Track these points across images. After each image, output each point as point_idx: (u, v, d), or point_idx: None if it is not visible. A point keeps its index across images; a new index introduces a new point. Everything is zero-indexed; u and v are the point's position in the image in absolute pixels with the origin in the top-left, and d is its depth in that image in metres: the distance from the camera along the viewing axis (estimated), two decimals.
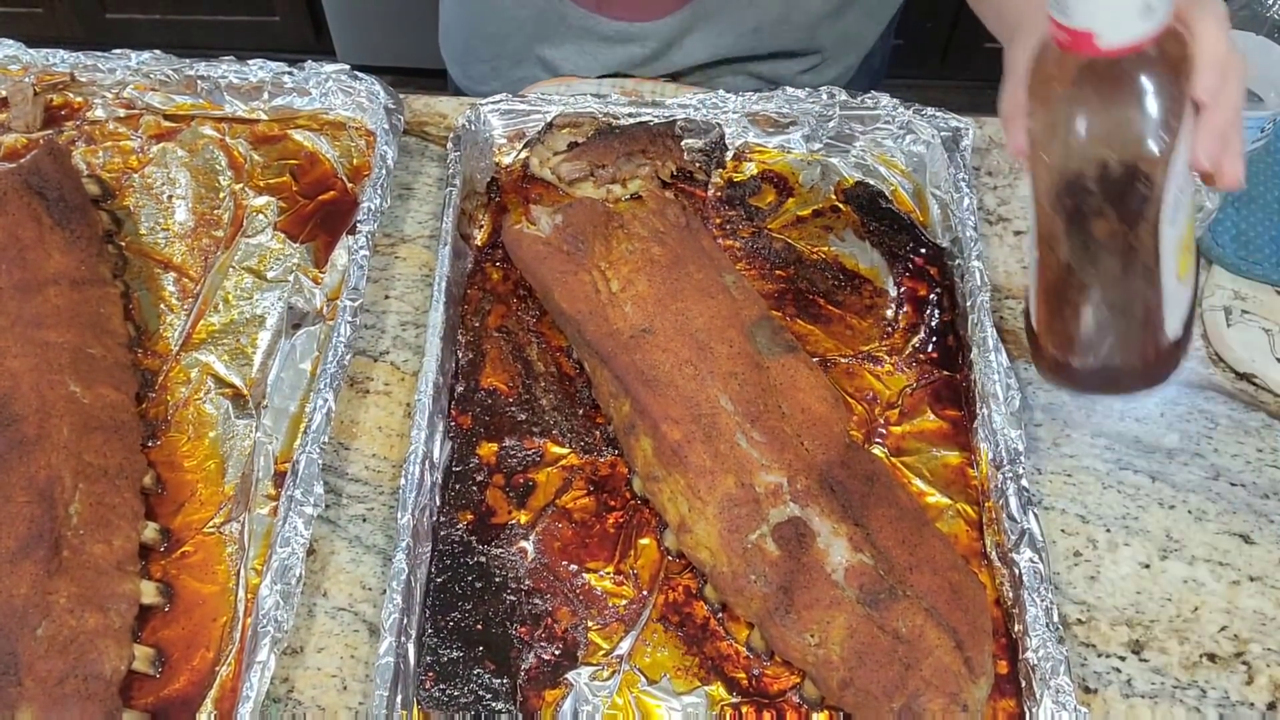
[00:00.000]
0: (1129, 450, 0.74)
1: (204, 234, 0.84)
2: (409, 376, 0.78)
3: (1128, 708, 0.64)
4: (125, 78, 0.90)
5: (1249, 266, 0.81)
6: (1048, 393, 0.76)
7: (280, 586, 0.63)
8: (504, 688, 0.63)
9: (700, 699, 0.63)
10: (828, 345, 0.78)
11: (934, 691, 0.59)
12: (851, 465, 0.66)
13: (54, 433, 0.67)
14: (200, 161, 0.88)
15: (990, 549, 0.68)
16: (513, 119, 0.88)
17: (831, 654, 0.60)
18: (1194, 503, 0.72)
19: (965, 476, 0.72)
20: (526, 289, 0.80)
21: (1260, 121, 0.73)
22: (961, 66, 2.22)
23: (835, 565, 0.63)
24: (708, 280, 0.75)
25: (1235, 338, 0.78)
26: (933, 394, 0.75)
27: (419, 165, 0.90)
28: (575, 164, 0.85)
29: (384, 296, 0.82)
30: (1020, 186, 0.88)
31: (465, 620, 0.66)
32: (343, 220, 0.84)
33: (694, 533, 0.65)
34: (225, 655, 0.64)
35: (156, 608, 0.65)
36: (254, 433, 0.73)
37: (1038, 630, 0.61)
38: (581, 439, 0.73)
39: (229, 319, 0.79)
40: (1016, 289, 0.82)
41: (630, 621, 0.66)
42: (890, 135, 0.87)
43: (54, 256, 0.75)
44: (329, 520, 0.71)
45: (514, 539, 0.69)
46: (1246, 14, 0.72)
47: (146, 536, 0.67)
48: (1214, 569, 0.69)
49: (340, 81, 0.88)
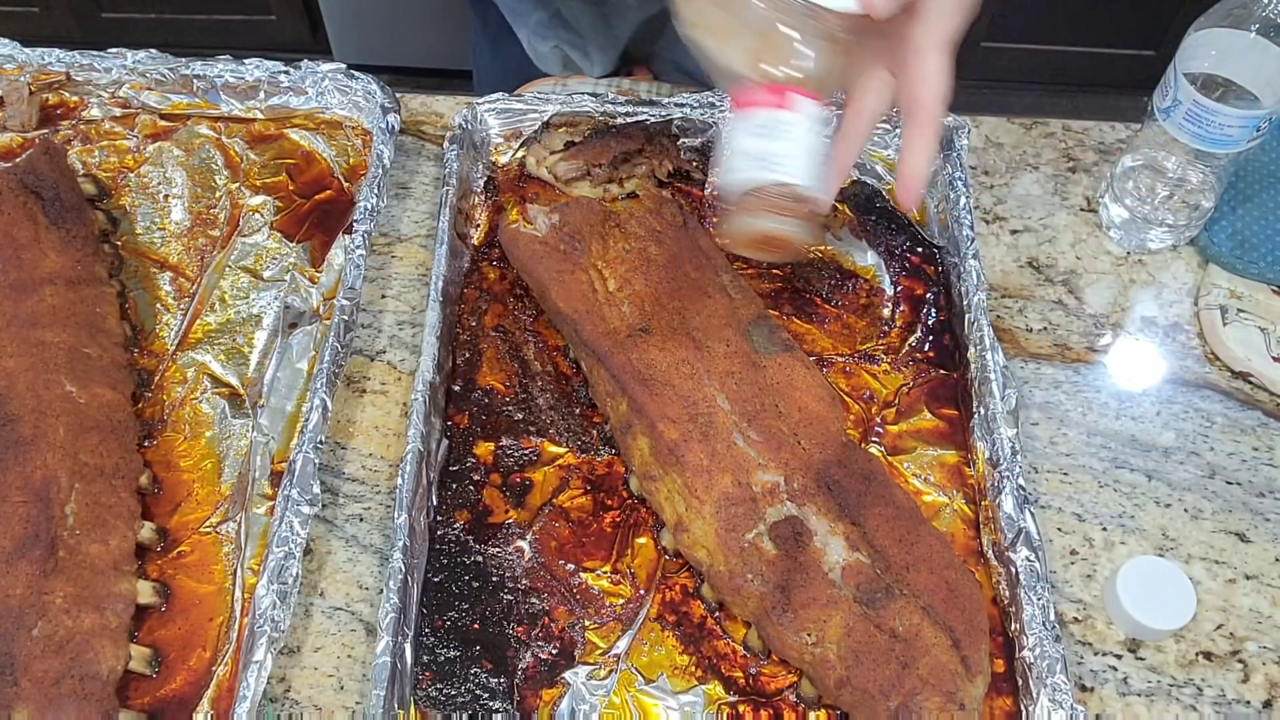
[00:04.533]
0: (1125, 449, 0.74)
1: (200, 233, 0.84)
2: (405, 376, 0.78)
3: (1124, 706, 0.64)
4: (121, 77, 0.90)
5: (1245, 265, 0.81)
6: (1044, 391, 0.77)
7: (277, 586, 0.63)
8: (501, 687, 0.63)
9: (697, 698, 0.63)
10: (824, 344, 0.78)
11: (931, 690, 0.59)
12: (848, 464, 0.67)
13: (50, 433, 0.66)
14: (196, 161, 0.87)
15: (987, 547, 0.68)
16: (509, 118, 0.88)
17: (828, 653, 0.61)
18: (1190, 501, 0.72)
19: (962, 475, 0.72)
20: (523, 288, 0.80)
21: (1255, 121, 0.73)
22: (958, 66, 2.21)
23: (832, 564, 0.63)
24: (704, 279, 0.75)
25: (1231, 336, 0.78)
26: (929, 393, 0.75)
27: (415, 164, 0.90)
28: (572, 163, 0.85)
29: (380, 296, 0.82)
30: (1017, 185, 0.88)
31: (462, 620, 0.66)
32: (339, 219, 0.84)
33: (691, 532, 0.65)
34: (222, 655, 0.64)
35: (153, 608, 0.65)
36: (250, 432, 0.73)
37: (1034, 629, 0.61)
38: (578, 438, 0.73)
39: (225, 318, 0.79)
40: (1013, 288, 0.82)
41: (627, 621, 0.66)
42: (886, 134, 0.87)
43: (49, 256, 0.75)
44: (326, 520, 0.71)
45: (511, 538, 0.69)
46: (1242, 12, 0.72)
47: (143, 536, 0.67)
48: (1210, 567, 0.69)
49: (336, 81, 0.88)
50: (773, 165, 0.55)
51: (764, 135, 0.55)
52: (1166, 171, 0.81)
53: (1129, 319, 0.81)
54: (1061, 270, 0.83)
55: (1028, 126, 0.92)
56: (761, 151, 0.55)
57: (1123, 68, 2.19)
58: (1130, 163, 0.83)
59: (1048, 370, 0.78)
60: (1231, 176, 0.81)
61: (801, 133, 0.55)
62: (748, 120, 0.55)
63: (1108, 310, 0.81)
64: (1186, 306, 0.81)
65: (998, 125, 0.92)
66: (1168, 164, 0.81)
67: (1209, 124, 0.74)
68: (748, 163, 0.56)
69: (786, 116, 0.55)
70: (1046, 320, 0.81)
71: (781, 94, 0.54)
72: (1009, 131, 0.92)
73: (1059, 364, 0.78)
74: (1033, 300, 0.82)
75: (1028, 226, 0.86)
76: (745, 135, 0.56)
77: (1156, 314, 0.81)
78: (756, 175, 0.55)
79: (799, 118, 0.55)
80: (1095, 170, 0.89)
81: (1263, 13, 0.71)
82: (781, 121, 0.55)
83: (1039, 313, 0.81)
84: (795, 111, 0.55)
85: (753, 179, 0.55)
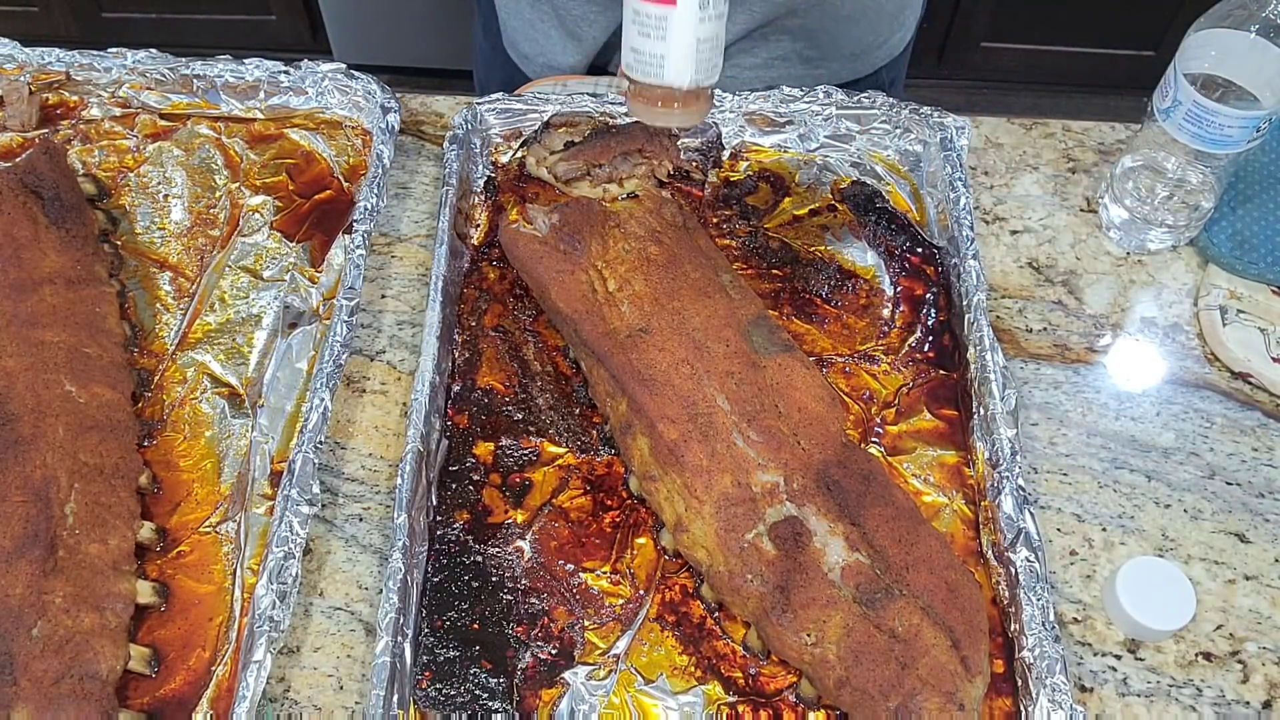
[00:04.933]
0: (1125, 449, 0.74)
1: (200, 233, 0.84)
2: (405, 376, 0.78)
3: (1123, 706, 0.64)
4: (121, 77, 0.90)
5: (1245, 266, 0.81)
6: (1044, 392, 0.77)
7: (276, 586, 0.63)
8: (500, 687, 0.63)
9: (697, 698, 0.63)
10: (824, 344, 0.78)
11: (930, 690, 0.59)
12: (848, 464, 0.67)
13: (49, 432, 0.66)
14: (196, 160, 0.87)
15: (987, 548, 0.68)
16: (509, 118, 0.88)
17: (828, 653, 0.61)
18: (1190, 502, 0.72)
19: (961, 475, 0.72)
20: (523, 288, 0.80)
21: (1255, 121, 0.73)
22: (958, 66, 2.22)
23: (832, 564, 0.63)
24: (704, 280, 0.75)
25: (1231, 337, 0.78)
26: (929, 393, 0.75)
27: (415, 164, 0.90)
28: (572, 163, 0.85)
29: (380, 296, 0.82)
30: (1017, 186, 0.88)
31: (462, 620, 0.66)
32: (339, 219, 0.84)
33: (691, 532, 0.65)
34: (221, 655, 0.64)
35: (152, 607, 0.65)
36: (250, 432, 0.73)
37: (1034, 629, 0.61)
38: (578, 438, 0.73)
39: (225, 318, 0.79)
40: (1013, 288, 0.82)
41: (627, 621, 0.66)
42: (886, 134, 0.87)
43: (49, 256, 0.75)
44: (325, 520, 0.71)
45: (510, 538, 0.69)
46: (1242, 13, 0.72)
47: (142, 536, 0.67)
48: (1209, 568, 0.69)
49: (336, 81, 0.88)
50: (652, 67, 0.59)
51: (648, 33, 0.59)
52: (1166, 172, 0.81)
53: (1129, 319, 0.81)
54: (1061, 271, 0.83)
55: (1028, 127, 0.92)
56: (646, 50, 0.59)
57: (1123, 68, 2.19)
58: (1130, 163, 0.83)
59: (1047, 371, 0.78)
60: (1231, 177, 0.81)
61: (682, 28, 0.58)
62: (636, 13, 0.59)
63: (1107, 311, 0.81)
64: (1186, 307, 0.81)
65: (998, 125, 0.92)
66: (1168, 164, 0.81)
67: (1209, 124, 0.74)
68: (633, 59, 0.61)
69: (667, 12, 0.58)
70: (1046, 321, 0.81)
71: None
72: (1009, 132, 0.92)
73: (1059, 364, 0.78)
74: (1032, 301, 0.82)
75: (1028, 227, 0.86)
76: (633, 30, 0.60)
77: (1156, 314, 0.81)
78: (638, 76, 0.60)
79: (679, 13, 0.58)
80: (1095, 171, 0.89)
81: (1263, 13, 0.71)
82: (663, 18, 0.58)
83: (1039, 313, 0.81)
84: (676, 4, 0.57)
85: (635, 80, 0.61)
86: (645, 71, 0.61)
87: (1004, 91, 2.27)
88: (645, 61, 0.61)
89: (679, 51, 0.59)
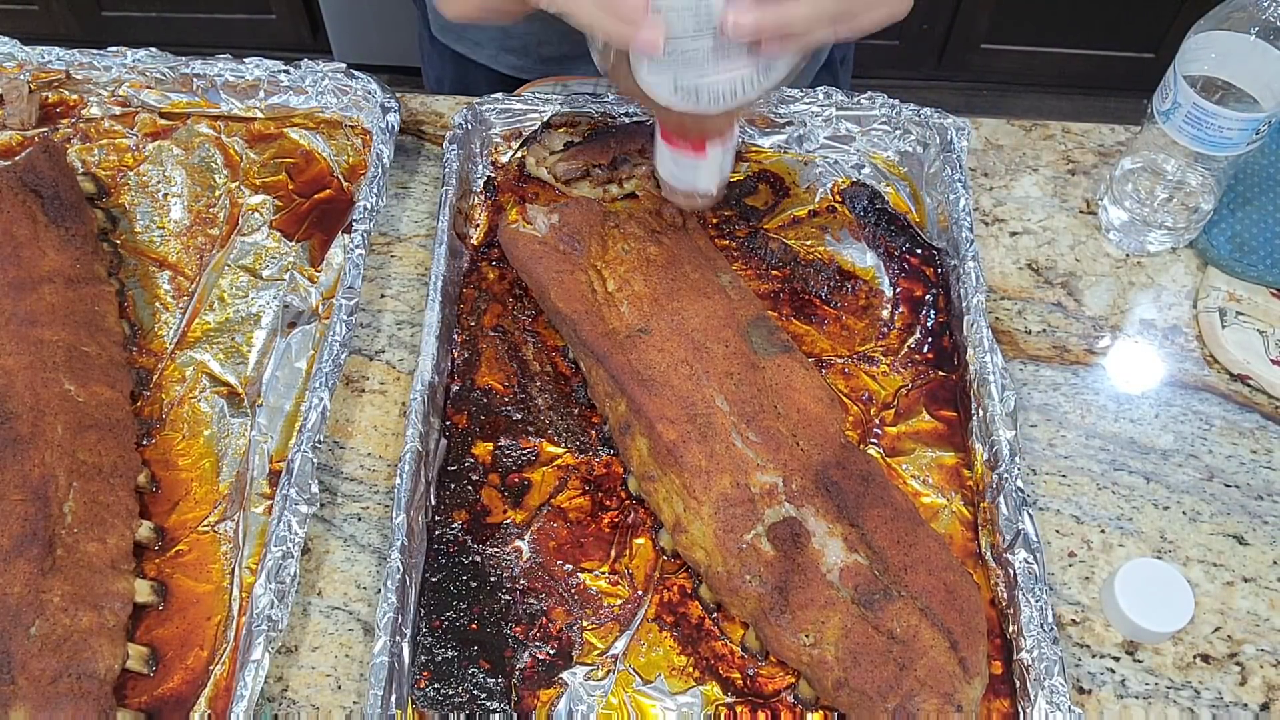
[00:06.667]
0: (1124, 451, 0.74)
1: (199, 232, 0.83)
2: (404, 375, 0.78)
3: (1122, 708, 0.64)
4: (121, 75, 0.90)
5: (1244, 268, 0.81)
6: (1043, 393, 0.77)
7: (275, 585, 0.63)
8: (499, 687, 0.63)
9: (695, 699, 0.63)
10: (823, 345, 0.78)
11: (929, 692, 0.59)
12: (847, 465, 0.67)
13: (48, 431, 0.66)
14: (196, 159, 0.87)
15: (985, 549, 0.68)
16: (509, 118, 0.88)
17: (826, 654, 0.61)
18: (1188, 504, 0.72)
19: (960, 477, 0.72)
20: (522, 288, 0.80)
21: (1255, 123, 0.73)
22: (957, 68, 2.22)
23: (830, 565, 0.63)
24: (704, 280, 0.75)
25: (1230, 339, 0.78)
26: (928, 394, 0.75)
27: (415, 164, 0.90)
28: (571, 163, 0.85)
29: (380, 295, 0.82)
30: (1016, 187, 0.88)
31: (460, 619, 0.66)
32: (338, 219, 0.84)
33: (689, 533, 0.65)
34: (220, 654, 0.64)
35: (151, 606, 0.65)
36: (249, 431, 0.73)
37: (1032, 631, 0.61)
38: (577, 438, 0.73)
39: (224, 317, 0.79)
40: (1012, 290, 0.82)
41: (625, 621, 0.66)
42: (886, 135, 0.87)
43: (49, 254, 0.75)
44: (324, 519, 0.71)
45: (509, 538, 0.69)
46: (1242, 15, 0.72)
47: (141, 535, 0.67)
48: (1208, 570, 0.69)
49: (336, 80, 0.88)
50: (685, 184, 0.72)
51: (682, 168, 0.70)
52: (1166, 174, 0.81)
53: (1128, 321, 0.81)
54: (1061, 272, 0.83)
55: (1027, 128, 0.92)
56: (681, 179, 0.72)
57: (1122, 70, 2.19)
58: (1130, 165, 0.83)
59: (1046, 372, 0.78)
60: (1231, 179, 0.81)
61: (712, 167, 0.70)
62: (673, 154, 0.70)
63: (1107, 312, 0.81)
64: (1185, 309, 0.81)
65: (997, 127, 0.92)
66: (1167, 166, 0.81)
67: (1208, 126, 0.74)
68: (667, 176, 0.73)
69: (700, 162, 0.69)
70: (1045, 322, 0.81)
71: (700, 146, 0.68)
72: (1009, 133, 0.92)
73: (1058, 366, 0.78)
74: (1032, 302, 0.82)
75: (1027, 228, 0.86)
76: (669, 161, 0.71)
77: (1155, 316, 0.81)
78: (676, 186, 0.73)
79: (709, 160, 0.69)
80: (1095, 172, 0.89)
81: (1262, 15, 0.71)
82: (697, 165, 0.69)
83: (1038, 315, 0.81)
84: (707, 155, 0.69)
85: (673, 189, 0.74)
86: (680, 181, 0.72)
87: (1003, 93, 2.28)
88: (679, 179, 0.72)
89: (709, 175, 0.71)
